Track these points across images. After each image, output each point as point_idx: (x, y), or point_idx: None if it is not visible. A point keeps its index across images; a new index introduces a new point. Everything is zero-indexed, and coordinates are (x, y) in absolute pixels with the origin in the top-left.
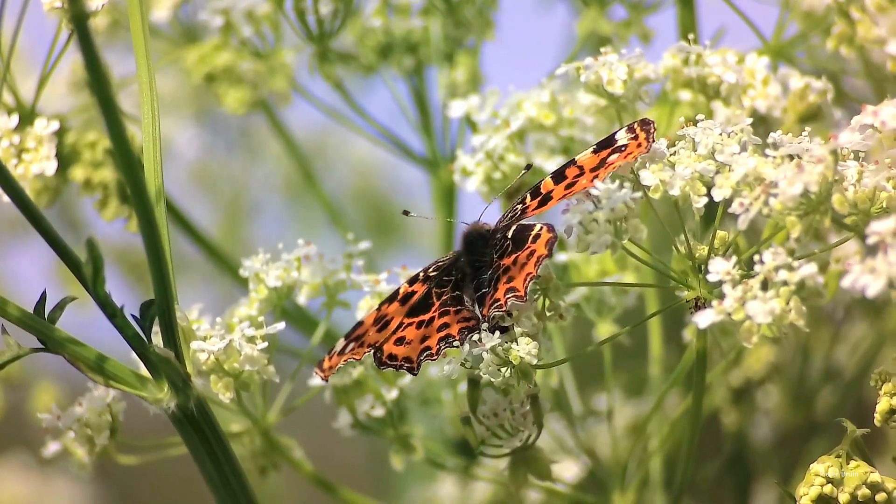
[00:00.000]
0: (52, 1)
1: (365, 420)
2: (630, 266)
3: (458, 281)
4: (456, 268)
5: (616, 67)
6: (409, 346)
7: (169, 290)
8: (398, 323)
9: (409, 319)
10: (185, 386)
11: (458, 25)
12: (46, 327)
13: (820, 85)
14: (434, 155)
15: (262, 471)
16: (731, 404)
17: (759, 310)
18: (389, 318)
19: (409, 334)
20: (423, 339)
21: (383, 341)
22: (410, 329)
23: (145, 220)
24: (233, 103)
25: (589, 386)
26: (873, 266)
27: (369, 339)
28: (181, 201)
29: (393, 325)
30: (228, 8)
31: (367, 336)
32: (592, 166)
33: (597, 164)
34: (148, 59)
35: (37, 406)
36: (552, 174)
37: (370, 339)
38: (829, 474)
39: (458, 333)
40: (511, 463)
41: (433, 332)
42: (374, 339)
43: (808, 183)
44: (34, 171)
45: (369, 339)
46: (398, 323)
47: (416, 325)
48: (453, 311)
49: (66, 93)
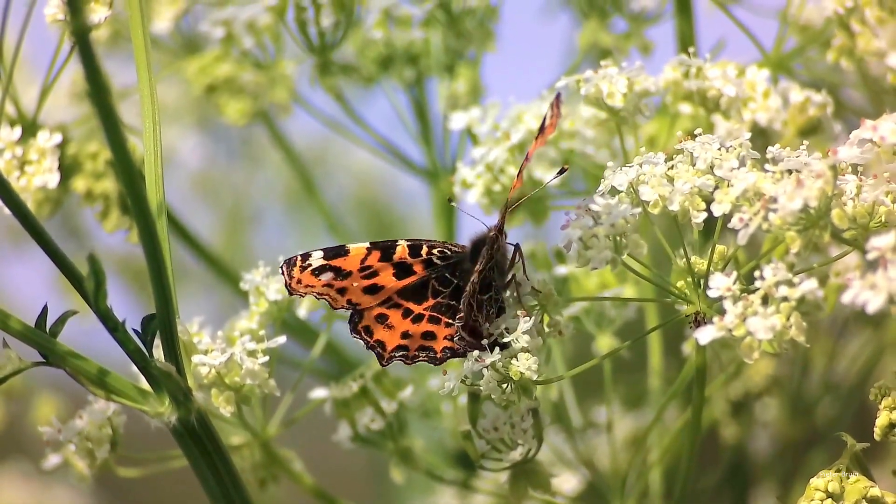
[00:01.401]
0: (55, 13)
1: (365, 433)
2: (630, 278)
3: (459, 286)
4: (461, 270)
5: (616, 80)
6: (388, 331)
7: (170, 304)
8: (386, 295)
9: (399, 300)
10: (186, 400)
11: (459, 37)
12: (48, 341)
13: (820, 98)
14: (434, 166)
15: (261, 483)
16: (730, 417)
17: (759, 326)
18: (374, 273)
19: (393, 317)
20: (405, 334)
21: (366, 307)
22: (396, 313)
23: (146, 234)
24: (233, 114)
25: (588, 398)
26: (874, 282)
27: (349, 286)
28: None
29: (380, 294)
30: (230, 19)
31: (350, 280)
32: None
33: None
34: (149, 71)
35: (37, 417)
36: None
37: (350, 287)
38: (830, 489)
39: (440, 352)
40: (511, 476)
41: (416, 335)
42: (355, 290)
43: (807, 198)
44: (37, 183)
45: (350, 285)
46: (386, 295)
47: (403, 312)
48: (443, 323)
49: (67, 103)
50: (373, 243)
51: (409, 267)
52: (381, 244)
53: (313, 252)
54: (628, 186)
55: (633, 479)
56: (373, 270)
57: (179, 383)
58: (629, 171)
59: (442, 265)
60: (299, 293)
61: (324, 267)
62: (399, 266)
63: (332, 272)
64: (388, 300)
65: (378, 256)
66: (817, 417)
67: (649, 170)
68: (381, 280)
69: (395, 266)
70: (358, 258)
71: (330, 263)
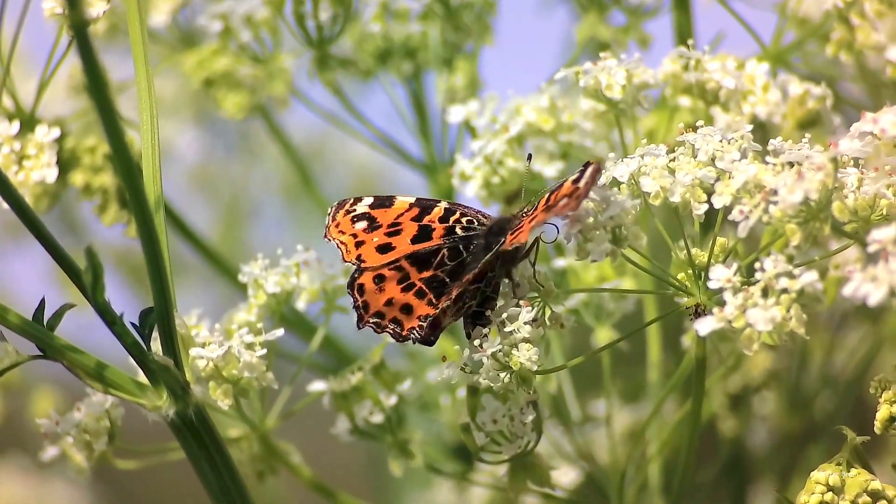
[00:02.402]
0: (53, 7)
1: (363, 426)
2: (628, 272)
3: (464, 263)
4: (475, 245)
5: (615, 72)
6: (377, 295)
7: (168, 298)
8: (395, 257)
9: (404, 263)
10: (183, 393)
11: (457, 30)
12: (45, 334)
13: (819, 91)
14: (432, 159)
15: (259, 476)
16: (729, 410)
17: (759, 317)
18: (398, 231)
19: (389, 281)
20: (388, 301)
21: (370, 265)
22: (394, 277)
23: (144, 227)
24: (231, 108)
25: (587, 392)
26: (874, 274)
27: (368, 240)
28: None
29: (390, 254)
30: (227, 13)
31: (375, 233)
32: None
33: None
34: (147, 65)
35: (36, 411)
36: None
37: (368, 241)
38: (830, 482)
39: (406, 331)
40: (510, 469)
41: (397, 305)
42: (370, 245)
43: (808, 190)
44: (35, 178)
45: (370, 239)
46: (395, 257)
47: (400, 277)
48: (426, 300)
49: (65, 96)
50: (418, 199)
51: (430, 231)
52: (424, 201)
53: (365, 197)
54: (629, 178)
55: (632, 472)
56: (399, 228)
57: (177, 377)
58: (630, 163)
59: (461, 236)
60: (331, 238)
61: (364, 214)
62: (423, 228)
63: (366, 221)
64: (394, 262)
65: (414, 214)
66: (816, 411)
67: (651, 161)
68: (397, 240)
69: (420, 228)
70: (396, 212)
71: (370, 212)
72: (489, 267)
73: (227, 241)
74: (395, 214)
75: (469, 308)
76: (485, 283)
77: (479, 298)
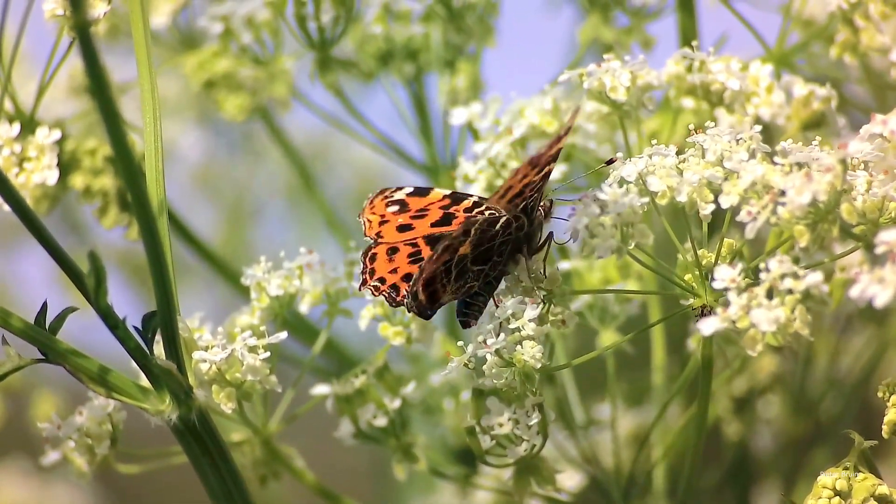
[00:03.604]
0: (54, 8)
1: (367, 429)
2: (633, 274)
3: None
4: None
5: (619, 74)
6: (387, 264)
7: (171, 302)
8: (413, 236)
9: (420, 240)
10: (186, 397)
11: (459, 32)
12: (48, 338)
13: (824, 92)
14: (434, 162)
15: (262, 480)
16: (733, 414)
17: (763, 318)
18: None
19: (401, 253)
20: (393, 270)
21: (386, 240)
22: (407, 250)
23: (147, 231)
24: (232, 110)
25: (591, 395)
26: (882, 276)
27: (392, 219)
28: (184, 205)
29: (409, 233)
30: (228, 14)
31: (400, 214)
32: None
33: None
34: (150, 67)
35: (37, 414)
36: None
37: (391, 220)
38: (837, 487)
39: (401, 295)
40: (515, 472)
41: (400, 274)
42: (392, 225)
43: (816, 192)
44: (35, 180)
45: (394, 219)
46: (413, 236)
47: (412, 252)
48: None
49: (65, 97)
50: (454, 192)
51: (452, 218)
52: (458, 194)
53: (406, 186)
54: (637, 177)
55: (637, 476)
56: (425, 213)
57: (180, 381)
58: (638, 162)
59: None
60: (362, 217)
61: (399, 200)
62: (446, 215)
63: (399, 205)
64: (411, 239)
65: (444, 203)
66: (821, 415)
67: (659, 161)
68: (419, 222)
69: (444, 214)
70: (429, 200)
71: (405, 199)
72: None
73: (230, 242)
74: (427, 202)
75: (471, 288)
76: (489, 266)
77: (482, 281)
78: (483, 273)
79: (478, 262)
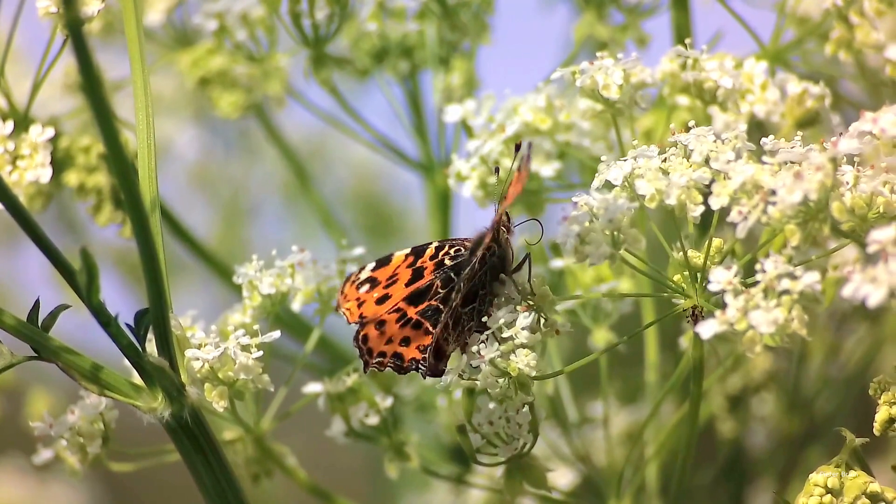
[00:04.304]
0: (47, 6)
1: (359, 428)
2: (626, 272)
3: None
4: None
5: (612, 72)
6: (380, 338)
7: (164, 299)
8: (393, 304)
9: (401, 304)
10: (179, 395)
11: (454, 29)
12: (40, 336)
13: (818, 90)
14: (429, 159)
15: (255, 478)
16: (727, 412)
17: (762, 319)
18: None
19: (389, 323)
20: (388, 340)
21: (371, 318)
22: (394, 318)
23: (140, 228)
24: (226, 107)
25: (584, 393)
26: (874, 275)
27: (368, 298)
28: (180, 202)
29: (388, 303)
30: (223, 11)
31: (374, 290)
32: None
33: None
34: (143, 63)
35: (31, 412)
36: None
37: (367, 300)
38: (829, 484)
39: (407, 361)
40: (506, 471)
41: (396, 340)
42: (370, 302)
43: (807, 191)
44: (29, 178)
45: (370, 297)
46: (393, 304)
47: (399, 316)
48: (423, 329)
49: (60, 95)
50: (413, 248)
51: (423, 271)
52: (418, 248)
53: (368, 264)
54: (623, 180)
55: (630, 473)
56: (395, 278)
57: (173, 378)
58: (624, 165)
59: (449, 265)
60: (340, 310)
61: (367, 279)
62: (416, 271)
63: (369, 284)
64: (393, 307)
65: (409, 262)
66: (815, 412)
67: (644, 163)
68: (394, 288)
69: (414, 271)
70: (394, 267)
71: (372, 275)
72: (479, 285)
73: (227, 240)
74: (393, 269)
75: (470, 329)
76: (478, 301)
77: (477, 318)
78: (475, 311)
79: (467, 304)
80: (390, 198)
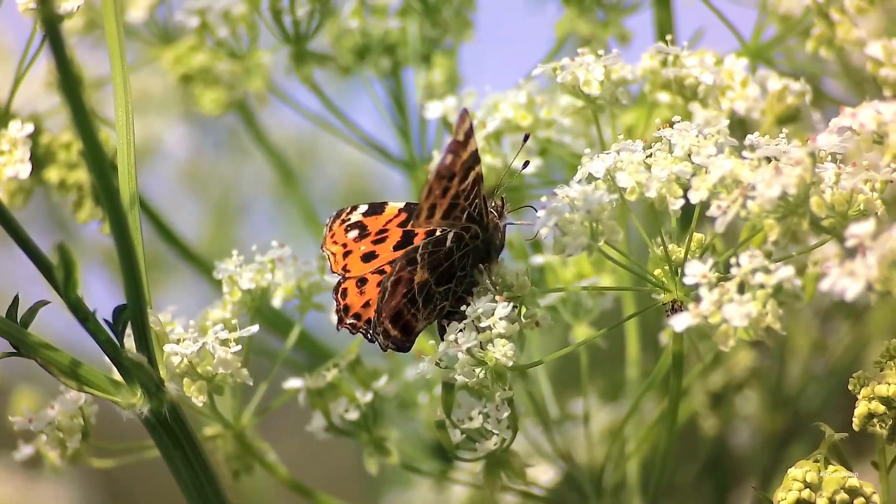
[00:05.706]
0: (27, 2)
1: (339, 423)
2: (607, 268)
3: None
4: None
5: (593, 68)
6: (358, 297)
7: (141, 295)
8: (379, 264)
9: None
10: (158, 391)
11: (436, 26)
12: (19, 332)
13: (798, 86)
14: (411, 157)
15: (235, 475)
16: (710, 409)
17: (735, 313)
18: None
19: (370, 283)
20: (366, 303)
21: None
22: (375, 279)
23: (117, 224)
24: (209, 104)
25: (565, 390)
26: (852, 269)
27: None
28: (170, 201)
29: (374, 262)
30: (204, 8)
31: (362, 241)
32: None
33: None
34: (122, 60)
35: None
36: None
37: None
38: (808, 479)
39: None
40: (486, 466)
41: (373, 306)
42: (356, 255)
43: (786, 185)
44: (8, 174)
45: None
46: (379, 264)
47: (378, 281)
48: None
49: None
50: (407, 204)
51: (413, 236)
52: (412, 206)
53: (360, 206)
54: (605, 173)
55: (611, 470)
56: (385, 235)
57: (151, 374)
58: (606, 158)
59: (437, 237)
60: (325, 249)
61: (357, 223)
62: (406, 234)
63: (358, 230)
64: (377, 268)
65: (402, 220)
66: (799, 409)
67: (626, 157)
68: (381, 247)
69: (404, 233)
70: (385, 218)
71: (362, 220)
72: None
73: (217, 239)
74: (385, 221)
75: (442, 309)
76: (455, 282)
77: (452, 299)
78: (451, 291)
79: (442, 283)
80: (382, 196)
